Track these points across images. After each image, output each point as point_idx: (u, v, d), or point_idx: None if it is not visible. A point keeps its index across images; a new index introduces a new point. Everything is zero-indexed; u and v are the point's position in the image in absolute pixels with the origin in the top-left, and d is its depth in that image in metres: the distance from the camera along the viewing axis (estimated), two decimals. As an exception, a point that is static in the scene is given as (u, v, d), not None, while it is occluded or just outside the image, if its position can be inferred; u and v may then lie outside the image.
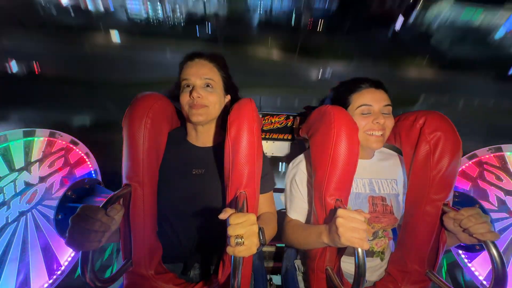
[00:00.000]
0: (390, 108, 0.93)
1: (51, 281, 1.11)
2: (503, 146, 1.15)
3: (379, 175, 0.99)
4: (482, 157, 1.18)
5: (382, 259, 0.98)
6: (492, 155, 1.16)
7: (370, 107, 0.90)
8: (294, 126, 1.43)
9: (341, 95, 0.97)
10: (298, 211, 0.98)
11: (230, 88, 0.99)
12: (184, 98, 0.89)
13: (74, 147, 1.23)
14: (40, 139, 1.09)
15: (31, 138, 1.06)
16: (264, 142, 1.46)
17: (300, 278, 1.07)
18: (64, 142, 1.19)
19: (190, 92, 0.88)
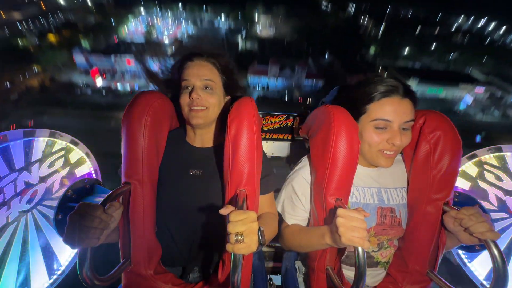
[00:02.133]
0: (412, 123, 0.82)
1: (51, 281, 1.11)
2: (503, 146, 1.15)
3: (388, 184, 0.94)
4: (482, 157, 1.18)
5: (385, 268, 0.97)
6: (492, 155, 1.16)
7: (388, 123, 0.79)
8: (294, 126, 1.43)
9: (355, 101, 0.85)
10: (297, 220, 0.95)
11: (230, 88, 0.98)
12: (184, 100, 0.89)
13: (74, 147, 1.23)
14: (40, 139, 1.09)
15: (31, 138, 1.06)
16: (264, 142, 1.46)
17: (300, 278, 1.07)
18: (64, 142, 1.19)
19: (190, 94, 0.87)
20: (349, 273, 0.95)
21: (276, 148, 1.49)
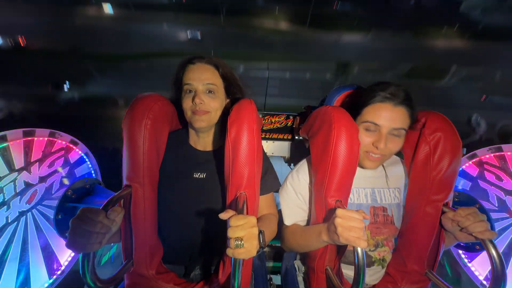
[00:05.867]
0: (403, 132, 0.83)
1: (51, 281, 1.11)
2: (503, 146, 1.15)
3: (382, 184, 0.96)
4: (482, 157, 1.18)
5: (383, 266, 0.97)
6: (492, 155, 1.16)
7: (377, 127, 0.82)
8: (294, 126, 1.43)
9: (355, 103, 0.89)
10: (297, 220, 0.97)
11: (231, 91, 0.97)
12: (187, 104, 0.88)
13: (74, 147, 1.23)
14: (40, 139, 1.09)
15: (31, 138, 1.06)
16: (264, 142, 1.46)
17: (300, 278, 1.07)
18: (64, 142, 1.19)
19: (193, 98, 0.87)
20: (347, 272, 0.96)
21: (276, 148, 1.49)
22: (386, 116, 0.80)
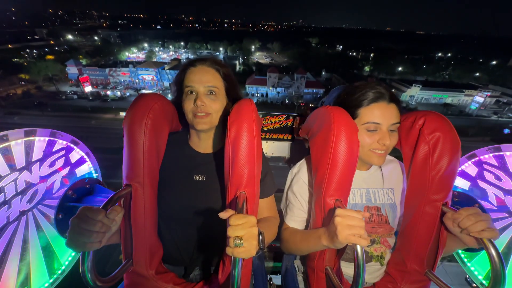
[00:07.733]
0: (398, 125, 0.89)
1: (51, 281, 1.11)
2: (502, 146, 1.15)
3: (376, 185, 0.98)
4: (482, 157, 1.18)
5: (382, 264, 0.98)
6: (491, 155, 1.16)
7: (378, 125, 0.86)
8: (294, 126, 1.44)
9: (347, 106, 0.90)
10: (296, 220, 0.97)
11: (231, 94, 0.98)
12: (188, 106, 0.89)
13: (75, 147, 1.24)
14: (40, 138, 1.09)
15: (32, 138, 1.06)
16: (264, 142, 1.46)
17: (300, 278, 1.07)
18: (64, 142, 1.19)
19: (194, 100, 0.88)
20: (346, 270, 0.96)
21: (276, 148, 1.49)
22: (384, 114, 0.85)
